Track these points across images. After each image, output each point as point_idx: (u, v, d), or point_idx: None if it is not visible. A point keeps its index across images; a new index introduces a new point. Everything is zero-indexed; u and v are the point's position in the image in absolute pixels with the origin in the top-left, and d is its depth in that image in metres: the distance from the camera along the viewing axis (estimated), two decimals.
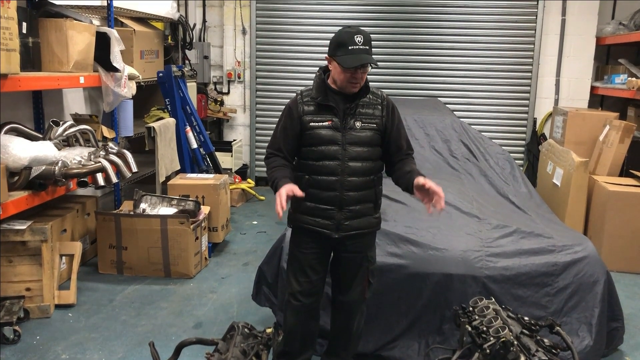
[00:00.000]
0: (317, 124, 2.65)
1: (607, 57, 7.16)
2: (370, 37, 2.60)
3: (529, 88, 7.16)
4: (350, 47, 2.52)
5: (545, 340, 2.45)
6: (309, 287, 2.80)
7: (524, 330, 2.48)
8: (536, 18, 6.97)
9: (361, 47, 2.52)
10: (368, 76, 2.66)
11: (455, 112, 6.16)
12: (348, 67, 2.52)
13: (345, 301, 2.88)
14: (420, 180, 2.52)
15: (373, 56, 2.58)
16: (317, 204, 2.68)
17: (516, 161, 4.81)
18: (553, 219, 3.92)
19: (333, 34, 2.63)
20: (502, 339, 2.28)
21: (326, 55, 2.66)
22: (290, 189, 2.49)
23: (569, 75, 7.07)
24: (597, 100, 7.20)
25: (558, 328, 2.53)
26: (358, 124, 2.65)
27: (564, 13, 6.93)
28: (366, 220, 2.74)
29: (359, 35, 2.53)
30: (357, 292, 2.84)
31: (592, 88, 7.05)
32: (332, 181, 2.64)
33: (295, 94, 2.76)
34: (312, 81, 2.76)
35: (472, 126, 5.39)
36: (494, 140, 5.27)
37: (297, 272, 2.82)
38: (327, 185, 2.65)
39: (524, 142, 7.33)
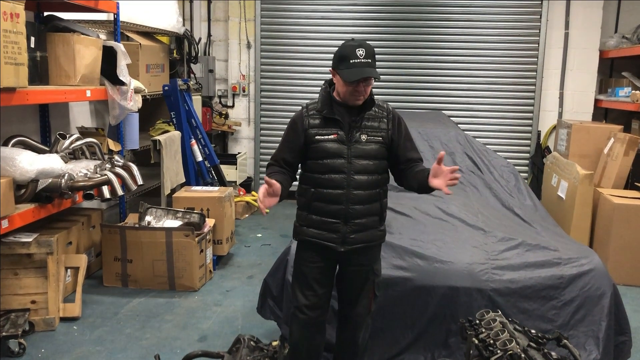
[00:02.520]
0: (322, 137, 2.66)
1: (610, 70, 7.18)
2: (374, 50, 2.61)
3: (532, 101, 7.18)
4: (352, 61, 2.53)
5: (553, 353, 2.43)
6: (315, 300, 2.79)
7: (531, 344, 2.47)
8: (539, 32, 7.01)
9: (363, 60, 2.53)
10: (374, 89, 2.68)
11: (459, 125, 6.17)
12: (349, 81, 2.53)
13: (352, 315, 2.86)
14: (437, 163, 2.54)
15: (377, 70, 2.59)
16: (323, 217, 2.68)
17: (521, 174, 4.81)
18: (558, 232, 3.90)
19: (337, 47, 2.64)
20: (509, 352, 2.27)
21: (330, 68, 2.68)
22: (266, 185, 2.49)
23: (573, 88, 7.09)
24: (601, 113, 7.21)
25: (565, 341, 2.51)
26: (364, 137, 2.65)
27: (567, 27, 6.97)
28: (371, 233, 2.73)
29: (361, 49, 2.54)
30: (363, 306, 2.83)
31: (596, 101, 7.06)
32: (337, 194, 2.64)
33: (300, 107, 2.78)
34: (318, 94, 2.76)
35: (477, 139, 5.39)
36: (498, 153, 5.28)
37: (303, 286, 2.80)
38: (332, 199, 2.65)
39: (528, 154, 7.33)
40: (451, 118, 6.44)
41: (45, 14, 4.33)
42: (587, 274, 3.24)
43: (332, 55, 2.64)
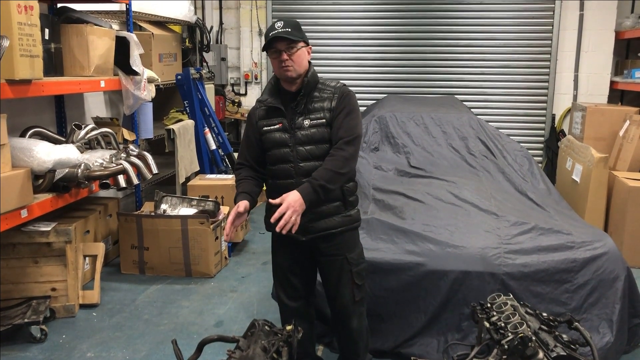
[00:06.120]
0: (269, 127, 2.62)
1: (626, 51, 7.07)
2: (298, 23, 2.57)
3: (547, 84, 7.10)
4: (270, 33, 2.50)
5: (564, 335, 2.44)
6: (292, 291, 2.78)
7: (543, 326, 2.48)
8: (553, 13, 6.91)
9: (280, 30, 2.48)
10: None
11: (472, 110, 6.14)
12: (263, 48, 2.54)
13: (336, 306, 2.80)
14: (273, 201, 2.45)
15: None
16: None
17: (535, 158, 4.78)
18: (572, 216, 3.89)
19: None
20: (520, 335, 2.28)
21: None
22: (236, 210, 2.53)
23: (588, 70, 6.99)
24: (617, 95, 7.11)
25: (577, 324, 2.52)
26: (307, 122, 2.57)
27: (582, 8, 6.86)
28: (335, 220, 2.63)
29: (279, 22, 2.52)
30: (345, 297, 2.72)
31: (612, 83, 6.96)
32: (289, 184, 2.58)
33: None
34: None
35: (490, 123, 5.37)
36: (512, 137, 5.24)
37: (279, 277, 2.81)
38: (285, 189, 2.55)
39: (542, 138, 7.27)
40: (464, 102, 6.41)
41: (59, 5, 4.38)
42: (600, 257, 3.23)
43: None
